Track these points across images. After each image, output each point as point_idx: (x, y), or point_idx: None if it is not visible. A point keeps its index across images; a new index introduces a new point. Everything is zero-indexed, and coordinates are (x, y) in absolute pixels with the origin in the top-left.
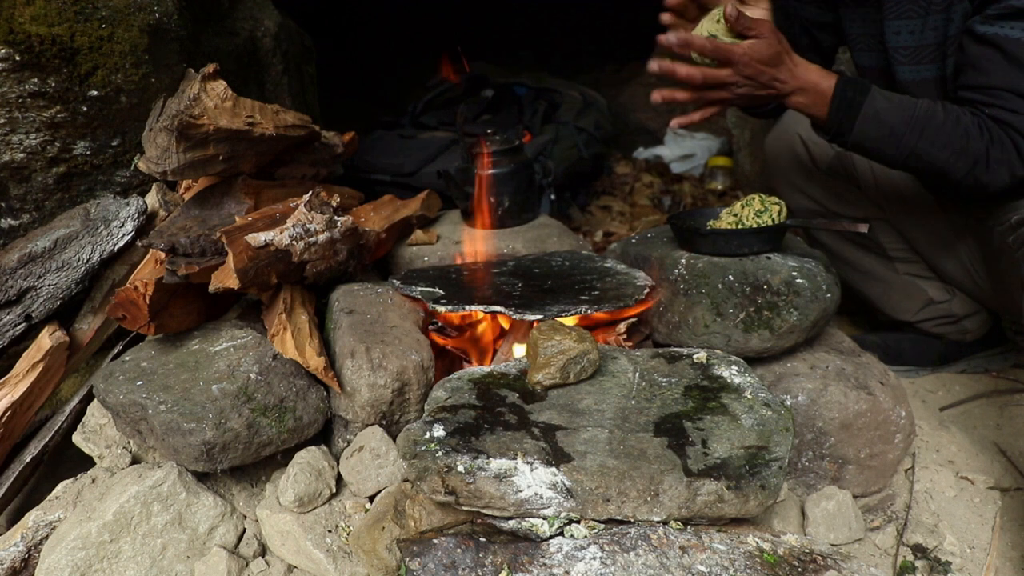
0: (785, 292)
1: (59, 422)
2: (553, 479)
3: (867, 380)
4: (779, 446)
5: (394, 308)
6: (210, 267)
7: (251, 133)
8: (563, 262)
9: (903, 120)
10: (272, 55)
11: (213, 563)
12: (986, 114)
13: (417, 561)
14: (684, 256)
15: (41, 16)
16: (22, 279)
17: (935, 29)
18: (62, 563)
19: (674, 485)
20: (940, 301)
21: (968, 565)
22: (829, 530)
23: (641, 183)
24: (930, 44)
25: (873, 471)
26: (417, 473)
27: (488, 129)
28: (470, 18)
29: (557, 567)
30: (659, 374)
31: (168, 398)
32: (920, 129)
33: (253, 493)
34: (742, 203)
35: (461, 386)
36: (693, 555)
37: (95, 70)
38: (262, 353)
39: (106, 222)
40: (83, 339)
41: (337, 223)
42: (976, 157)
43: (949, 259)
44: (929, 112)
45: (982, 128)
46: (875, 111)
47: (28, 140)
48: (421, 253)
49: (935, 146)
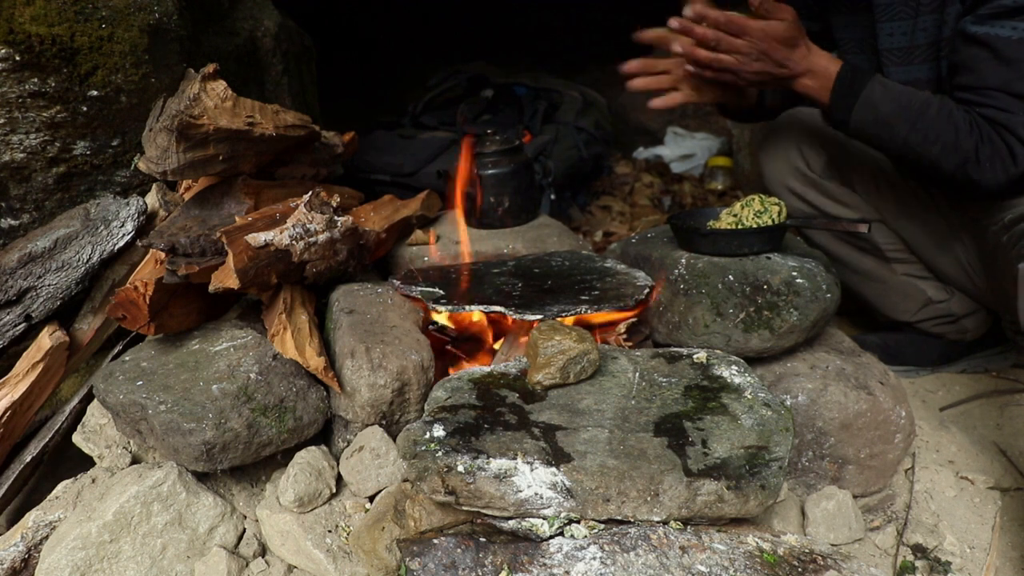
0: (785, 292)
1: (59, 422)
2: (553, 479)
3: (867, 380)
4: (779, 446)
5: (394, 308)
6: (210, 267)
7: (251, 133)
8: (563, 262)
9: (896, 110)
10: (272, 55)
11: (213, 563)
12: (978, 113)
13: (417, 561)
14: (684, 256)
15: (41, 16)
16: (22, 279)
17: (925, 30)
18: (62, 563)
19: (674, 485)
20: (939, 301)
21: (968, 565)
22: (829, 530)
23: (641, 183)
24: (921, 45)
25: (873, 471)
26: (417, 473)
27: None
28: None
29: (557, 567)
30: (659, 374)
31: (168, 398)
32: (912, 120)
33: (253, 493)
34: (742, 203)
35: (461, 386)
36: (693, 555)
37: (95, 70)
38: (262, 353)
39: (106, 222)
40: (83, 339)
41: (337, 223)
42: (966, 154)
43: (946, 258)
44: (924, 104)
45: (972, 125)
46: (872, 99)
47: (28, 140)
48: (421, 253)
49: (927, 139)
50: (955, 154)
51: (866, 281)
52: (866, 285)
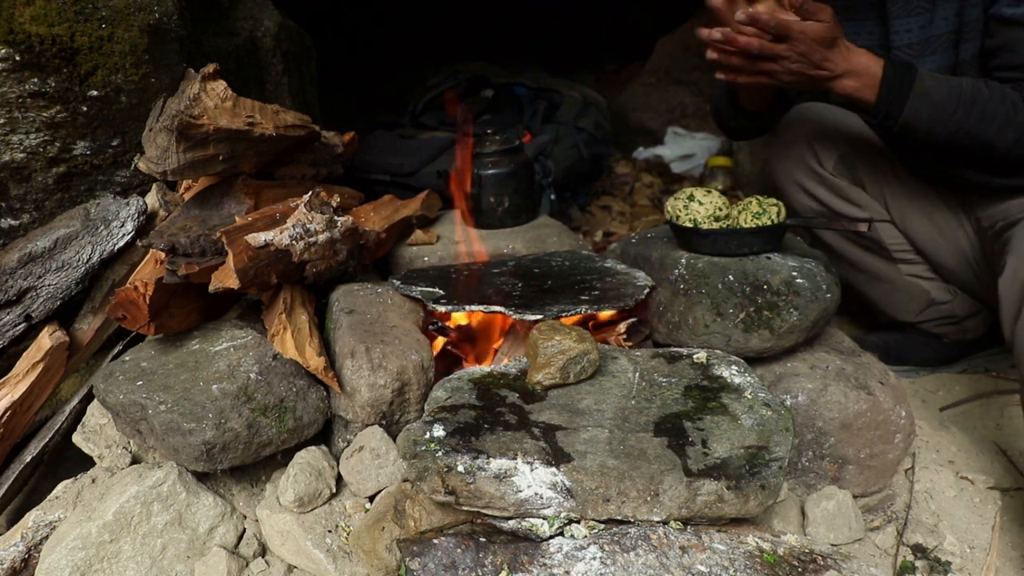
0: (785, 292)
1: (59, 422)
2: (553, 479)
3: (867, 380)
4: (779, 446)
5: (394, 308)
6: (210, 267)
7: (251, 133)
8: (563, 262)
9: (949, 96)
10: (272, 55)
11: (213, 563)
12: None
13: (417, 561)
14: (684, 256)
15: (41, 16)
16: (22, 279)
17: (945, 19)
18: (62, 563)
19: (674, 485)
20: (942, 302)
21: (968, 565)
22: (829, 530)
23: (641, 183)
24: (941, 34)
25: (873, 471)
26: (417, 473)
27: (488, 129)
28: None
29: (557, 567)
30: (659, 374)
31: (168, 398)
32: (968, 104)
33: (253, 493)
34: (739, 207)
35: (461, 386)
36: (693, 555)
37: (95, 70)
38: (262, 353)
39: (106, 222)
40: (83, 339)
41: (337, 223)
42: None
43: (953, 256)
44: (975, 88)
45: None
46: (924, 91)
47: (28, 140)
48: (421, 253)
49: (983, 120)
50: (1012, 130)
51: (871, 281)
52: (870, 285)
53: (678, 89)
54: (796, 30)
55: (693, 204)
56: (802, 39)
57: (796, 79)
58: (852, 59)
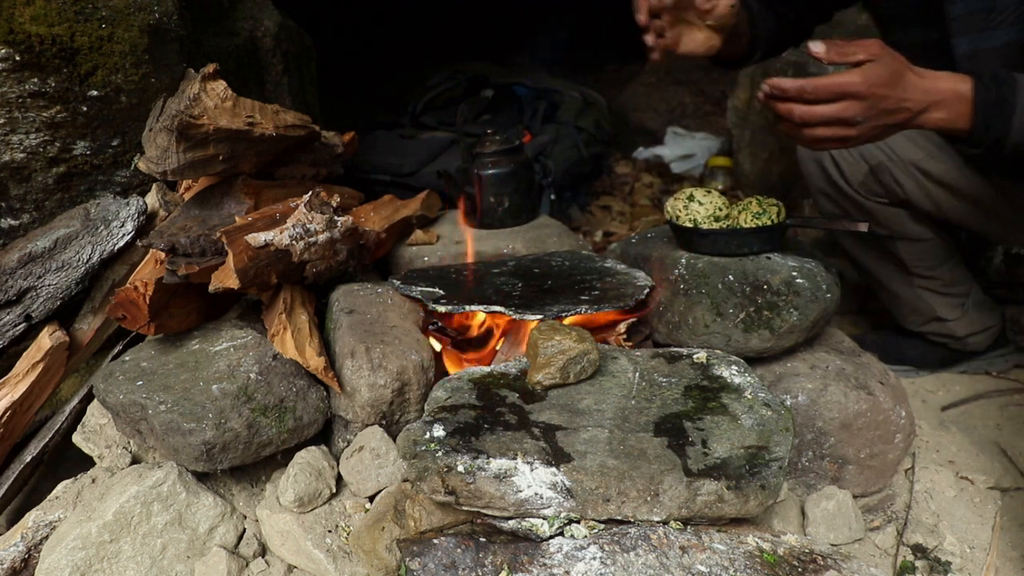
0: (785, 292)
1: (59, 422)
2: (553, 479)
3: (867, 380)
4: (779, 446)
5: (394, 308)
6: (210, 267)
7: (251, 133)
8: (563, 262)
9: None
10: (272, 55)
11: (213, 563)
12: None
13: (417, 561)
14: (684, 256)
15: (41, 16)
16: (22, 279)
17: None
18: (62, 563)
19: (674, 485)
20: (947, 319)
21: (968, 565)
22: (829, 530)
23: (641, 183)
24: (1009, 5)
25: (873, 471)
26: (417, 473)
27: (488, 129)
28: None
29: (557, 567)
30: (659, 374)
31: (168, 398)
32: None
33: (253, 493)
34: (739, 207)
35: (461, 386)
36: (693, 555)
37: (95, 70)
38: (262, 353)
39: (106, 222)
40: (83, 339)
41: (337, 223)
42: None
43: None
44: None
45: None
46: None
47: (28, 140)
48: (421, 253)
49: None
50: None
51: (880, 289)
52: (879, 290)
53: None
54: (855, 84)
55: (693, 204)
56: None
57: (877, 132)
58: (931, 87)
